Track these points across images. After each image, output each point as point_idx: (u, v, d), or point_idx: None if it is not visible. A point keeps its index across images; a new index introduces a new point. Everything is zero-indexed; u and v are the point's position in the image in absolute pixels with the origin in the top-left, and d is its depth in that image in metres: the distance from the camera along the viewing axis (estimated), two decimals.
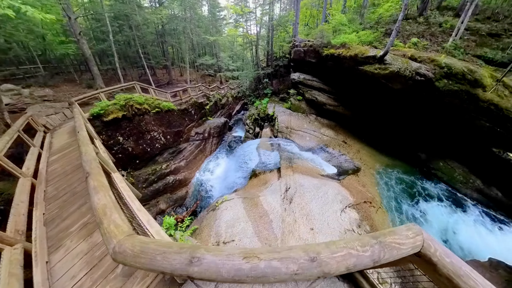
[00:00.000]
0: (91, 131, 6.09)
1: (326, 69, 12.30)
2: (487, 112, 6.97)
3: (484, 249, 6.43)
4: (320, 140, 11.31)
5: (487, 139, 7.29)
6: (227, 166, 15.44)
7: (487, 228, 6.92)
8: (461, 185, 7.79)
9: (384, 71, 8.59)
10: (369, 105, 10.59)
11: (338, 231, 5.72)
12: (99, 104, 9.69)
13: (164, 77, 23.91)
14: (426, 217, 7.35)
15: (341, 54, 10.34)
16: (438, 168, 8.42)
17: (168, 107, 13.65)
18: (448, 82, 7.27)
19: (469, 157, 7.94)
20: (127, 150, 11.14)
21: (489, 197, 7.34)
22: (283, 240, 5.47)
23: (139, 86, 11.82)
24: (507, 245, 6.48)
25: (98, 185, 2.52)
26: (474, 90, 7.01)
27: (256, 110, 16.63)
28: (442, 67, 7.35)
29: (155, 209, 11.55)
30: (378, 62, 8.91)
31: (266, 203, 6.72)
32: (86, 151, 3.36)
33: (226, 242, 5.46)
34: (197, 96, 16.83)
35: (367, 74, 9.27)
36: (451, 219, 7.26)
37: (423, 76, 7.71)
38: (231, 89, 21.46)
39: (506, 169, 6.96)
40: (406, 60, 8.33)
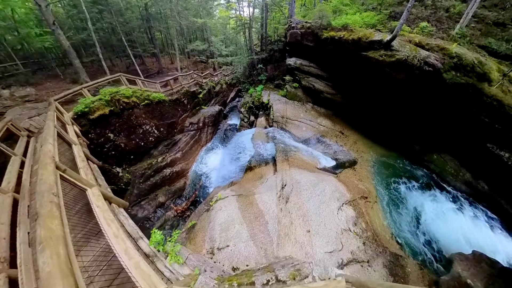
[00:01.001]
0: (69, 138, 5.33)
1: (325, 54, 11.05)
2: (489, 108, 6.37)
3: (470, 239, 6.37)
4: (316, 131, 10.64)
5: (483, 134, 6.84)
6: (223, 156, 14.93)
7: (471, 219, 6.83)
8: (452, 178, 7.57)
9: (390, 58, 7.48)
10: (367, 94, 9.67)
11: (335, 231, 5.40)
12: (83, 101, 8.70)
13: (153, 66, 21.95)
14: (419, 209, 7.13)
15: (342, 38, 9.01)
16: (432, 160, 8.04)
17: (158, 99, 12.61)
18: (456, 74, 6.46)
19: (463, 151, 7.55)
20: (119, 147, 10.40)
21: (476, 190, 7.22)
22: (279, 244, 5.14)
23: (125, 78, 10.66)
24: (485, 235, 6.42)
25: (46, 237, 1.91)
26: (480, 84, 6.28)
27: (251, 98, 15.59)
28: (452, 57, 6.46)
29: (154, 202, 11.21)
30: (384, 48, 7.73)
31: (261, 202, 6.30)
32: (42, 176, 2.68)
33: (221, 248, 5.11)
34: (189, 85, 15.61)
35: (371, 61, 8.17)
36: (440, 208, 7.10)
37: (432, 66, 6.79)
38: (224, 76, 19.94)
39: (496, 164, 6.64)
40: (414, 47, 7.26)
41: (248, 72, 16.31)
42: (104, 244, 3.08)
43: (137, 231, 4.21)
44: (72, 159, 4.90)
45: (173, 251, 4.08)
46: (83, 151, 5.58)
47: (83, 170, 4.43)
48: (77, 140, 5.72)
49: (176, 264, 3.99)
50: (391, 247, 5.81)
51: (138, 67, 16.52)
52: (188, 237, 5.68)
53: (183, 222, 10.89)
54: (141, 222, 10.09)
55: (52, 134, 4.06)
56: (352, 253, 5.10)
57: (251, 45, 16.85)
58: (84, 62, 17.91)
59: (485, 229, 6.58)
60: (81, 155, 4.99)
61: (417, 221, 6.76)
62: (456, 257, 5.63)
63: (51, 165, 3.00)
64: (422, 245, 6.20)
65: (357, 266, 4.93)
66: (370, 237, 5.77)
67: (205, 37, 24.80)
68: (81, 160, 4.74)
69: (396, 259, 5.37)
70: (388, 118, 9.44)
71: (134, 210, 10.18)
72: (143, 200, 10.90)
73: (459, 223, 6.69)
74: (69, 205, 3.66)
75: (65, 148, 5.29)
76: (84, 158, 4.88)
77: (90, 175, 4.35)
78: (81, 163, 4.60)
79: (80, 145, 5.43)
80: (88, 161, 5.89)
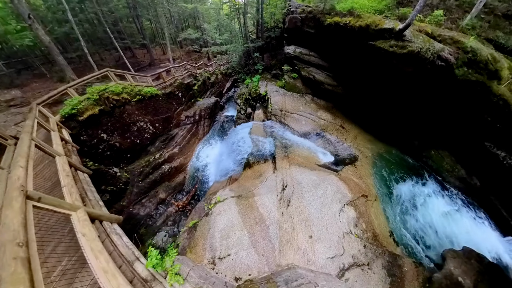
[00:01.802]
0: (51, 149, 4.74)
1: (327, 42, 9.91)
2: (494, 107, 5.91)
3: (462, 233, 6.33)
4: (316, 125, 10.05)
5: (482, 132, 6.49)
6: (221, 149, 14.47)
7: (463, 214, 6.78)
8: (447, 173, 7.39)
9: (401, 49, 6.56)
10: (369, 86, 8.88)
11: (337, 235, 5.20)
12: (69, 102, 7.89)
13: (144, 58, 20.20)
14: (415, 205, 6.99)
15: (348, 24, 7.90)
16: (430, 156, 7.75)
17: (151, 93, 11.72)
18: (468, 70, 5.82)
19: (460, 148, 7.29)
20: (114, 146, 9.81)
21: (468, 185, 7.10)
22: (281, 251, 4.93)
23: (113, 73, 9.69)
24: (475, 229, 6.39)
25: None
26: (489, 82, 5.71)
27: (247, 88, 14.66)
28: (467, 51, 5.76)
29: (155, 199, 10.94)
30: (395, 38, 6.77)
31: (262, 206, 6.01)
32: (5, 219, 2.19)
33: (222, 257, 4.88)
34: (182, 77, 14.55)
35: (379, 51, 7.21)
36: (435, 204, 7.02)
37: (445, 60, 6.06)
38: (220, 66, 18.52)
39: (491, 162, 6.44)
40: (427, 39, 6.39)
41: (244, 62, 15.09)
42: (91, 281, 2.73)
43: (132, 251, 3.87)
44: (56, 172, 4.39)
45: (172, 272, 3.81)
46: (69, 162, 5.03)
47: (67, 188, 3.94)
48: (62, 150, 5.14)
49: (176, 284, 3.75)
50: (389, 246, 5.71)
51: (128, 60, 15.14)
52: (189, 244, 5.43)
53: (184, 217, 10.76)
54: (143, 220, 9.91)
55: (25, 154, 3.47)
56: (353, 257, 4.95)
57: (246, 32, 15.30)
58: (69, 58, 16.23)
59: (475, 223, 6.53)
60: (66, 168, 4.45)
61: (413, 217, 6.65)
62: (448, 254, 5.58)
63: (18, 199, 2.50)
64: (418, 241, 6.13)
65: (358, 270, 4.80)
66: (370, 237, 5.62)
67: (197, 24, 22.53)
68: (66, 175, 4.23)
69: (394, 259, 5.26)
70: (388, 112, 8.88)
71: (135, 209, 9.93)
72: (144, 198, 10.61)
73: (452, 218, 6.60)
74: (49, 235, 3.25)
75: (48, 161, 4.75)
76: (69, 172, 4.36)
77: (76, 193, 3.87)
78: (65, 180, 4.09)
79: (65, 156, 4.87)
80: (77, 171, 5.39)
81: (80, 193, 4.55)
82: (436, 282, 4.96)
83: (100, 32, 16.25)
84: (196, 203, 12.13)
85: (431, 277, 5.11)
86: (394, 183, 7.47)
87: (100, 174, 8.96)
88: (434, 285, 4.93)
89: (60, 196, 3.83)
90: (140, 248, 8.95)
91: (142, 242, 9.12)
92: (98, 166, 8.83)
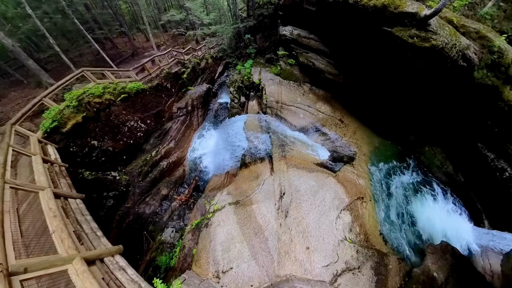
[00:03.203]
0: (31, 186, 4.26)
1: (331, 23, 8.14)
2: (498, 112, 5.31)
3: (442, 227, 6.54)
4: (315, 118, 9.24)
5: (479, 134, 6.09)
6: (217, 140, 13.93)
7: (446, 209, 6.90)
8: (436, 169, 7.27)
9: (423, 42, 5.22)
10: (372, 77, 7.77)
11: (332, 244, 5.29)
12: (48, 115, 6.94)
13: (126, 48, 17.37)
14: (405, 200, 7.06)
15: (359, 2, 6.22)
16: (423, 152, 7.49)
17: (137, 89, 10.52)
18: (487, 73, 4.94)
19: (453, 145, 7.00)
20: (108, 151, 9.23)
21: (454, 181, 7.08)
22: (280, 262, 5.04)
23: (90, 72, 8.39)
24: (453, 222, 6.62)
25: None
26: (503, 87, 4.93)
27: (239, 75, 13.24)
28: (493, 51, 4.78)
29: (158, 196, 10.95)
30: (417, 26, 5.32)
31: (260, 215, 5.95)
32: None
33: (225, 271, 5.00)
34: (169, 65, 12.95)
35: (395, 40, 5.75)
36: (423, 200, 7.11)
37: (468, 61, 5.04)
38: (209, 49, 16.23)
39: (479, 162, 6.29)
40: (453, 31, 5.16)
41: (235, 44, 13.12)
42: None
43: (139, 284, 3.82)
44: (41, 212, 4.02)
45: None
46: (56, 193, 4.62)
47: (57, 233, 3.63)
48: (45, 180, 4.63)
49: None
50: (378, 245, 5.93)
51: (109, 52, 13.07)
52: (194, 260, 5.51)
53: (188, 210, 10.95)
54: (150, 218, 10.06)
55: None
56: (346, 262, 5.13)
57: (235, 10, 12.70)
58: (42, 59, 13.83)
59: (455, 215, 6.75)
60: (52, 205, 4.05)
61: (402, 212, 6.79)
62: (428, 250, 5.86)
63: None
64: (404, 237, 6.38)
65: (349, 274, 5.02)
66: (362, 240, 5.77)
67: (181, 3, 18.67)
68: (53, 215, 3.86)
69: (382, 259, 5.49)
70: (388, 105, 8.14)
71: (141, 208, 9.98)
72: (147, 196, 10.58)
73: (436, 213, 6.78)
74: None
75: (32, 197, 4.31)
76: (57, 210, 3.98)
77: (68, 238, 3.58)
78: (54, 222, 3.74)
79: (49, 189, 4.41)
80: (68, 199, 5.02)
81: (74, 229, 4.29)
82: (414, 277, 5.30)
83: (70, 25, 13.45)
84: (198, 194, 12.28)
85: (411, 271, 5.44)
86: (388, 178, 7.41)
87: (100, 182, 8.65)
88: (413, 280, 5.27)
89: (51, 245, 3.56)
90: (151, 244, 9.31)
91: (152, 238, 9.45)
92: (95, 175, 8.44)
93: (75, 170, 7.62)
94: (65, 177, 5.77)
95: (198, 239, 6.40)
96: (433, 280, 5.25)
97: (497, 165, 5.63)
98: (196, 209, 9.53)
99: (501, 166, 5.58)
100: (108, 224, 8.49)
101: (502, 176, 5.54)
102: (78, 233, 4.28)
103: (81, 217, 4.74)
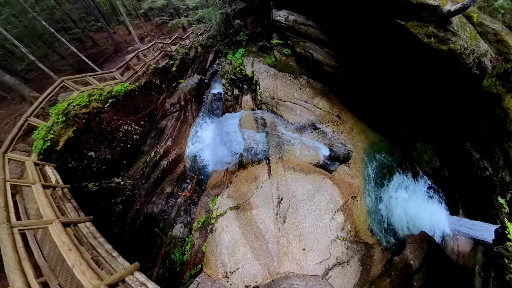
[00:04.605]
0: (40, 223, 4.36)
1: (333, 8, 6.98)
2: (493, 117, 5.14)
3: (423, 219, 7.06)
4: (312, 115, 8.81)
5: (469, 135, 6.05)
6: (213, 135, 13.68)
7: (429, 201, 7.31)
8: (425, 164, 7.45)
9: (440, 44, 4.49)
10: (372, 70, 7.08)
11: (326, 244, 5.79)
12: (38, 135, 6.60)
13: (108, 44, 15.24)
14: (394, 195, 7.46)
15: None
16: (415, 148, 7.55)
17: (124, 90, 9.88)
18: (495, 82, 4.54)
19: (443, 143, 7.09)
20: (107, 159, 9.18)
21: (438, 174, 7.33)
22: (279, 261, 5.61)
23: (70, 81, 7.72)
24: (434, 213, 7.12)
25: None
26: (505, 95, 4.60)
27: (231, 66, 12.22)
28: (509, 60, 4.24)
29: (163, 195, 11.32)
30: (436, 23, 4.52)
31: (260, 221, 6.33)
32: None
33: (233, 271, 5.58)
34: (155, 60, 11.87)
35: (409, 37, 4.92)
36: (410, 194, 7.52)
37: (481, 69, 4.51)
38: (197, 36, 14.45)
39: (465, 160, 6.46)
40: (474, 34, 4.46)
41: (224, 31, 11.65)
42: None
43: None
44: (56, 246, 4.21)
45: None
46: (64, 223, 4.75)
47: (77, 266, 3.87)
48: (50, 211, 4.67)
49: None
50: (366, 238, 6.50)
51: (90, 51, 11.64)
52: (204, 262, 6.04)
53: (193, 205, 11.47)
54: (159, 216, 10.57)
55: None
56: (337, 258, 5.72)
57: None
58: (21, 70, 12.18)
59: (435, 207, 7.22)
60: (64, 238, 4.18)
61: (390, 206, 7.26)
62: (408, 240, 6.42)
63: None
64: (389, 229, 6.96)
65: (339, 268, 5.66)
66: (353, 235, 6.30)
67: None
68: (67, 249, 3.99)
69: (368, 251, 6.09)
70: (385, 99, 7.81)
71: (149, 208, 10.42)
72: (153, 196, 10.94)
73: (419, 204, 7.25)
74: None
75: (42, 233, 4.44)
76: (70, 243, 4.14)
77: (88, 269, 3.85)
78: (70, 256, 3.91)
79: (57, 220, 4.49)
80: (77, 225, 5.20)
81: (91, 255, 4.58)
82: (394, 265, 5.98)
83: (41, 27, 11.36)
84: (201, 188, 12.72)
85: (392, 259, 6.12)
86: (380, 174, 7.68)
87: (105, 191, 8.82)
88: (392, 267, 5.97)
89: (72, 277, 3.85)
90: (164, 239, 10.02)
91: (164, 234, 10.11)
92: (99, 185, 8.56)
93: (79, 185, 7.71)
94: (70, 200, 5.85)
95: (206, 239, 6.96)
96: (409, 267, 5.94)
97: (480, 164, 5.86)
98: (200, 206, 10.01)
99: (483, 166, 5.82)
100: (122, 227, 9.00)
101: (483, 174, 5.83)
102: (96, 259, 4.58)
103: (94, 240, 4.99)
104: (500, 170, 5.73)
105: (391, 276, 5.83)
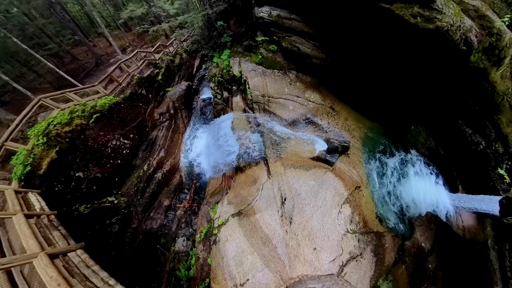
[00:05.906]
0: (22, 258, 3.87)
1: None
2: (481, 92, 5.18)
3: (428, 199, 6.99)
4: (305, 109, 8.66)
5: (460, 112, 6.11)
6: (207, 140, 13.27)
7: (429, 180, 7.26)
8: (420, 145, 7.45)
9: (426, 23, 4.58)
10: (361, 57, 7.02)
11: (337, 240, 5.55)
12: (17, 160, 6.02)
13: (88, 58, 14.53)
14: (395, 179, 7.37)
15: None
16: (409, 131, 7.57)
17: (109, 104, 9.38)
18: (482, 57, 4.53)
19: (435, 122, 7.10)
20: (96, 179, 8.60)
21: (434, 154, 7.35)
22: (291, 265, 5.29)
23: (49, 99, 7.19)
24: (435, 192, 7.08)
25: None
26: (491, 69, 4.61)
27: (218, 68, 11.92)
28: (492, 33, 4.28)
29: (161, 209, 10.77)
30: (420, 3, 4.69)
31: (265, 225, 6.01)
32: None
33: (243, 283, 5.21)
34: (139, 69, 11.40)
35: (395, 20, 5.03)
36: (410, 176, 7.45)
37: (468, 44, 4.56)
38: (181, 42, 14.05)
39: (458, 136, 6.52)
40: (458, 10, 4.54)
41: (207, 34, 11.33)
42: None
43: None
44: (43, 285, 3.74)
45: None
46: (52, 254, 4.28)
47: None
48: (35, 243, 4.14)
49: None
50: (375, 227, 6.31)
51: (70, 66, 11.07)
52: (211, 277, 5.66)
53: (194, 216, 10.97)
54: (160, 231, 10.02)
55: None
56: (350, 253, 5.48)
57: None
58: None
59: (436, 187, 7.17)
60: (52, 273, 3.65)
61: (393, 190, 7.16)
62: (416, 222, 6.34)
63: None
64: (396, 214, 6.82)
65: (353, 262, 5.42)
66: (362, 227, 6.09)
67: None
68: (56, 284, 3.58)
69: (379, 240, 5.92)
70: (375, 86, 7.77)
71: (148, 225, 9.86)
72: (151, 211, 10.38)
73: (421, 185, 7.19)
74: None
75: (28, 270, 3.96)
76: (59, 278, 3.66)
77: None
78: None
79: (43, 255, 4.01)
80: (67, 255, 4.70)
81: (85, 287, 4.12)
82: (406, 250, 5.85)
83: (13, 44, 10.53)
84: (200, 197, 12.24)
85: (403, 245, 5.96)
86: (379, 161, 7.57)
87: (98, 211, 8.23)
88: (405, 253, 5.81)
89: None
90: (167, 255, 9.46)
91: (167, 249, 9.55)
92: (91, 207, 7.98)
93: (69, 209, 7.14)
94: (57, 227, 5.32)
95: (210, 251, 6.56)
96: (422, 250, 5.81)
97: (474, 139, 5.89)
98: (201, 216, 9.55)
99: (477, 140, 5.85)
100: (121, 249, 8.44)
101: (477, 149, 5.86)
102: None
103: (87, 270, 4.51)
104: (493, 142, 5.79)
105: (405, 262, 5.67)
